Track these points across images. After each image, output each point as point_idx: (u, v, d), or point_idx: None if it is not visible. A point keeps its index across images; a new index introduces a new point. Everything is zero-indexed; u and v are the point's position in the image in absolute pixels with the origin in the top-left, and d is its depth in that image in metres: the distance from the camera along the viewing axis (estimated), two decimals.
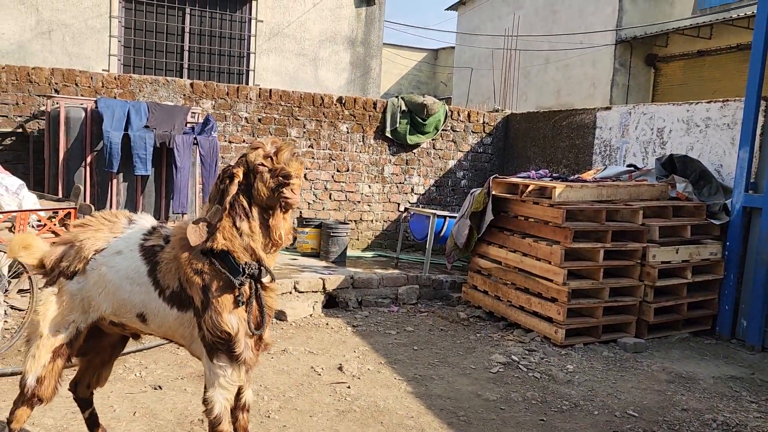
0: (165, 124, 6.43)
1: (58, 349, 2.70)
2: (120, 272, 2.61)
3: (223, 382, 2.53)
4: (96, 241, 2.68)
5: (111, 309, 2.66)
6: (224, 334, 2.48)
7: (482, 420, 3.85)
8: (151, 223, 2.78)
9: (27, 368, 2.71)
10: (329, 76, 10.27)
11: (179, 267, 2.55)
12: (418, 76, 26.85)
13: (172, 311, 2.57)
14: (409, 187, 8.98)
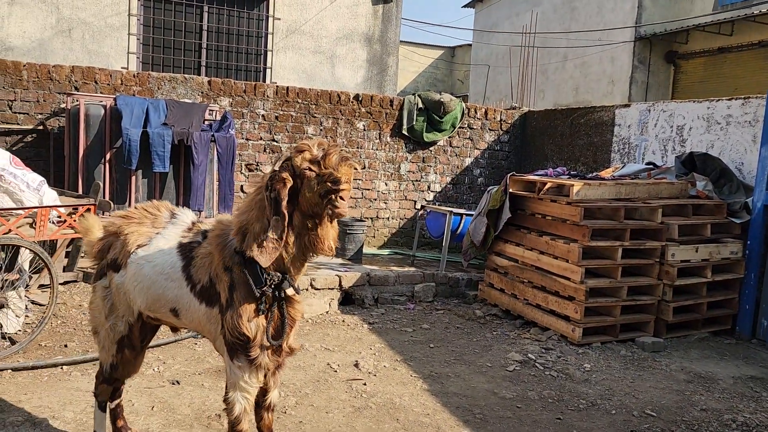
0: (183, 122, 6.47)
1: (121, 340, 2.79)
2: (156, 268, 2.62)
3: (241, 383, 2.49)
4: (139, 236, 2.71)
5: (146, 304, 2.68)
6: (243, 337, 2.43)
7: (498, 418, 3.84)
8: (191, 219, 2.79)
9: (102, 358, 2.89)
10: (346, 73, 10.28)
11: (212, 262, 2.53)
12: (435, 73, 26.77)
13: (201, 306, 2.56)
14: (426, 184, 8.97)
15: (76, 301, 5.44)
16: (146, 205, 2.86)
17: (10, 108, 6.79)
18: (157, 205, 2.85)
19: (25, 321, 4.76)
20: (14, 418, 3.35)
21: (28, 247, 4.29)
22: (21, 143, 6.88)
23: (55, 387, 3.81)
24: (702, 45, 13.54)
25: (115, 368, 2.84)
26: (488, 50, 18.82)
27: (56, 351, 4.43)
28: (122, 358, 2.82)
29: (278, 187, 2.33)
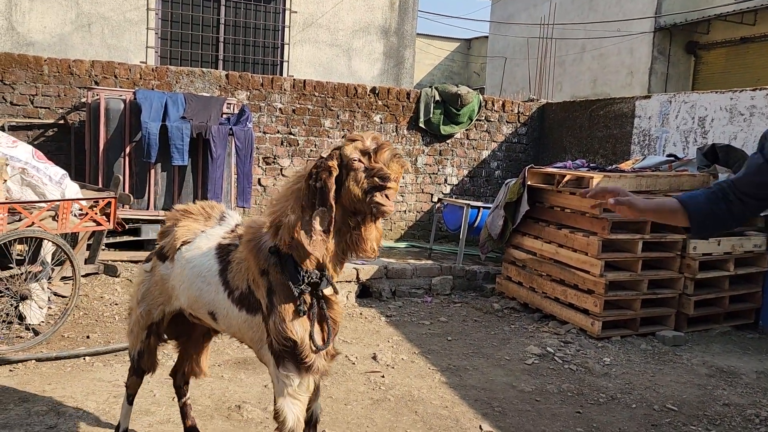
0: (201, 115, 6.51)
1: (151, 326, 2.79)
2: (195, 269, 2.57)
3: (291, 391, 2.30)
4: (186, 232, 2.69)
5: (187, 303, 2.65)
6: (290, 342, 2.26)
7: (517, 411, 3.83)
8: (235, 221, 2.73)
9: (130, 344, 2.91)
10: (363, 66, 10.26)
11: (248, 268, 2.40)
12: (451, 66, 26.66)
13: (241, 313, 2.43)
14: (443, 177, 8.94)
15: (98, 293, 5.51)
16: (204, 204, 2.84)
17: (31, 102, 6.87)
18: (213, 205, 2.83)
19: (48, 312, 4.83)
20: (39, 407, 3.40)
21: (51, 239, 4.35)
22: (42, 137, 6.97)
23: (78, 377, 3.87)
24: (724, 35, 13.32)
25: (142, 356, 2.84)
26: (505, 42, 18.68)
27: (79, 342, 4.49)
28: (149, 344, 2.83)
29: (324, 176, 2.16)
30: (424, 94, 8.55)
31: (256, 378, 4.05)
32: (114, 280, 5.87)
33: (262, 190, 8.04)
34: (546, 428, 3.63)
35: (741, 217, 2.06)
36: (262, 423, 3.43)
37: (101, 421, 3.33)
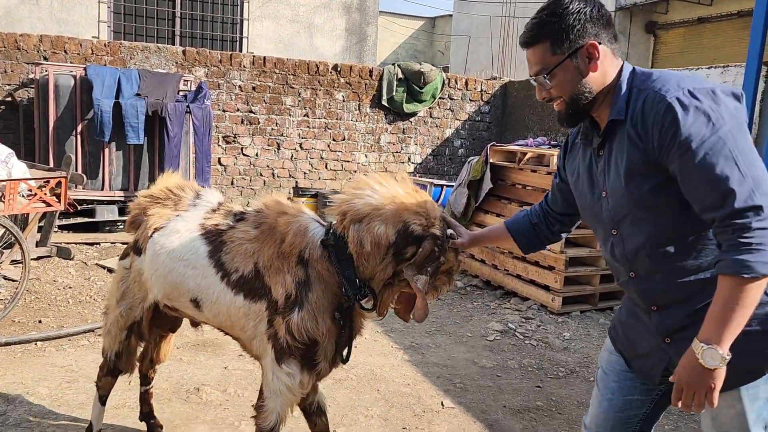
0: (157, 92, 6.32)
1: (131, 326, 2.62)
2: (173, 253, 2.35)
3: (287, 391, 2.16)
4: (158, 219, 2.48)
5: (163, 293, 2.43)
6: (309, 342, 2.12)
7: (478, 387, 3.85)
8: (216, 199, 2.54)
9: (106, 345, 2.70)
10: (324, 43, 10.11)
11: (263, 250, 2.20)
12: (415, 44, 26.52)
13: (236, 298, 2.22)
14: (406, 156, 8.91)
15: (50, 277, 5.34)
16: (171, 186, 2.60)
17: None
18: (182, 185, 2.60)
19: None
20: None
21: None
22: None
23: (29, 363, 3.74)
24: (682, 15, 13.52)
25: (120, 357, 2.67)
26: (469, 21, 18.63)
27: (30, 327, 4.35)
28: (129, 345, 2.67)
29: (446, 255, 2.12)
30: (387, 72, 8.47)
31: (215, 360, 3.99)
32: (68, 263, 5.70)
33: (222, 170, 7.89)
34: (506, 403, 3.66)
35: (561, 232, 2.16)
36: (221, 405, 3.38)
37: (54, 407, 3.23)
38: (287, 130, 8.14)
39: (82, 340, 4.17)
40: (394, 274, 2.12)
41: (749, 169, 1.45)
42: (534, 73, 1.75)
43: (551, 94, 1.75)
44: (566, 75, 1.69)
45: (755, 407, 1.61)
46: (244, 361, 3.99)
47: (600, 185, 1.78)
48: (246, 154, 7.99)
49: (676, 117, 1.51)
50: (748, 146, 1.48)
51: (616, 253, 1.76)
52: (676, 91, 1.54)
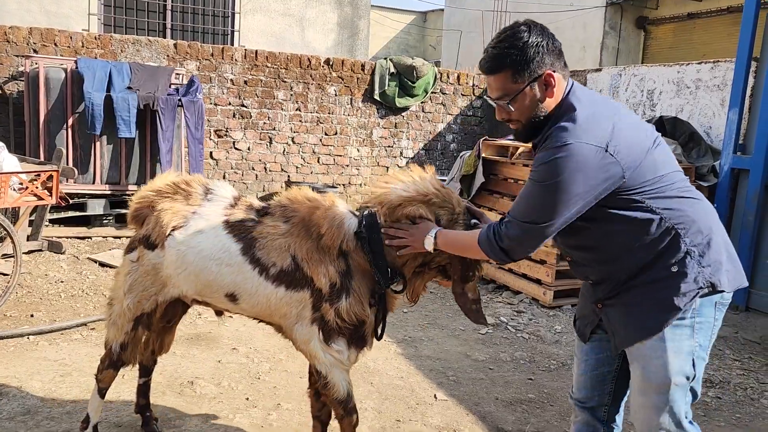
0: (148, 86, 6.29)
1: (139, 318, 2.63)
2: (203, 253, 2.43)
3: (341, 364, 2.38)
4: (173, 215, 2.51)
5: (194, 290, 2.52)
6: (358, 322, 2.34)
7: (471, 380, 3.89)
8: (230, 193, 2.58)
9: (111, 336, 2.69)
10: (316, 37, 10.09)
11: (299, 245, 2.35)
12: (407, 39, 26.48)
13: (278, 290, 2.35)
14: (398, 150, 8.92)
15: (42, 271, 5.32)
16: (176, 180, 2.64)
17: None
18: (188, 179, 2.64)
19: None
20: None
21: None
22: None
23: (21, 357, 3.73)
24: (672, 11, 13.59)
25: (125, 348, 2.67)
26: (461, 15, 18.62)
27: (22, 321, 4.33)
28: (135, 336, 2.68)
29: None
30: (379, 66, 8.46)
31: (209, 353, 4.00)
32: (59, 257, 5.68)
33: (215, 164, 7.86)
34: (499, 395, 3.70)
35: None
36: (215, 398, 3.39)
37: (46, 400, 3.23)
38: (279, 124, 8.12)
39: (74, 333, 4.16)
40: (423, 264, 2.33)
41: None
42: (496, 97, 2.01)
43: (511, 117, 2.03)
44: (525, 101, 1.97)
45: (678, 359, 1.96)
46: (238, 355, 4.01)
47: None
48: (238, 148, 7.97)
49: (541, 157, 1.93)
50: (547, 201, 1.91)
51: (558, 244, 2.20)
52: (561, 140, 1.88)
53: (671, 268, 1.96)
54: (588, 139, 1.87)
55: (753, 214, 5.53)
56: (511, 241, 1.98)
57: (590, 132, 1.89)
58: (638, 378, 2.04)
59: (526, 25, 1.97)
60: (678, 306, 1.95)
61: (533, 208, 1.94)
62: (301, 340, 2.40)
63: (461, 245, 2.17)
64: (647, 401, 2.02)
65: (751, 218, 5.54)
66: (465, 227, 2.28)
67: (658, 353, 1.97)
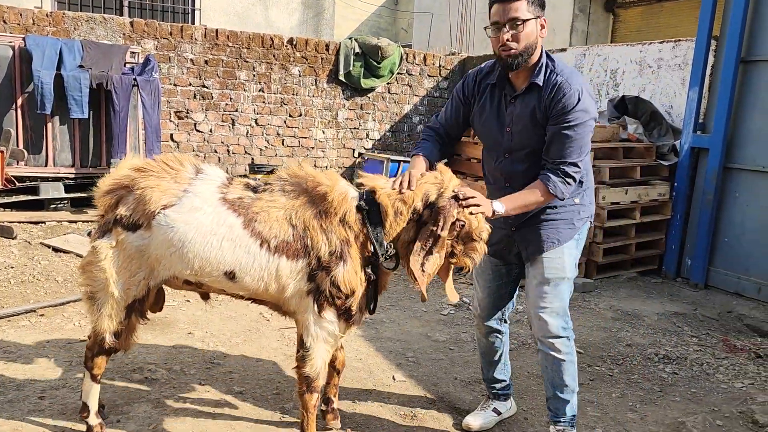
0: (101, 64, 6.07)
1: (131, 305, 2.56)
2: (203, 228, 2.40)
3: (329, 337, 2.49)
4: (161, 193, 2.44)
5: (190, 269, 2.45)
6: (348, 291, 2.44)
7: (431, 360, 3.85)
8: (223, 174, 2.58)
9: (103, 327, 2.56)
10: (280, 16, 9.88)
11: (300, 215, 2.43)
12: (378, 22, 26.17)
13: (279, 260, 2.40)
14: (364, 132, 8.81)
15: None
16: (165, 158, 2.57)
17: None
18: (179, 158, 2.57)
19: None
20: None
21: None
22: None
23: None
24: None
25: (119, 336, 2.59)
26: None
27: None
28: (129, 324, 2.60)
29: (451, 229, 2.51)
30: (344, 46, 8.32)
31: (163, 338, 3.89)
32: (9, 242, 5.48)
33: (175, 146, 7.67)
34: (458, 375, 3.67)
35: (455, 142, 2.97)
36: (167, 383, 3.30)
37: None
38: (242, 106, 7.95)
39: (22, 320, 4.01)
40: (415, 239, 2.48)
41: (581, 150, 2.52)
42: (508, 18, 2.40)
43: (509, 40, 2.43)
44: (530, 30, 2.43)
45: (569, 261, 2.70)
46: (193, 339, 3.91)
47: (505, 123, 2.62)
48: (199, 130, 7.79)
49: (570, 104, 2.44)
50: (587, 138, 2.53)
51: (502, 169, 2.70)
52: (576, 88, 2.44)
53: (575, 200, 2.68)
54: (583, 80, 2.51)
55: (712, 193, 5.58)
56: (578, 176, 2.53)
57: (580, 75, 2.55)
58: (539, 275, 2.68)
59: None
60: (577, 227, 2.71)
61: (583, 147, 2.50)
62: (297, 311, 2.50)
63: (527, 201, 2.54)
64: (545, 291, 2.67)
65: (710, 197, 5.60)
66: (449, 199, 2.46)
67: (558, 255, 2.67)
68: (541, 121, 2.51)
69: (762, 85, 5.29)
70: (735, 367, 3.99)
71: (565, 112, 2.42)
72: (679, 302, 5.33)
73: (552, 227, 2.68)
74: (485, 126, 2.71)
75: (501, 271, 2.90)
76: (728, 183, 5.54)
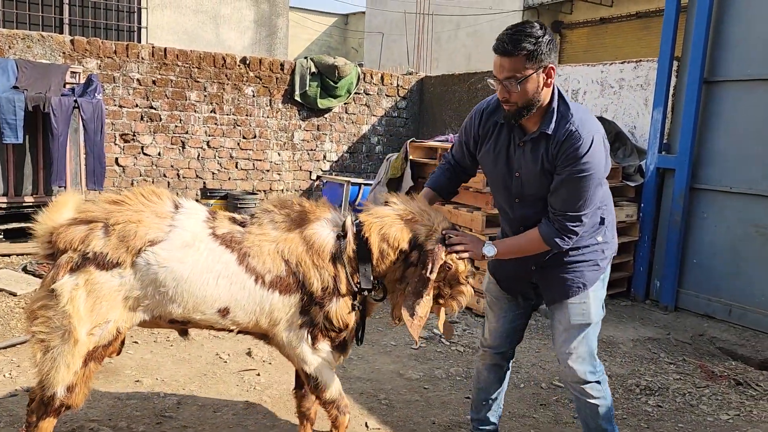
0: (39, 85, 5.62)
1: (92, 352, 2.31)
2: (199, 266, 2.32)
3: (328, 362, 2.54)
4: (147, 229, 2.29)
5: (183, 308, 2.36)
6: (342, 325, 2.49)
7: (405, 402, 3.57)
8: (203, 207, 2.52)
9: (56, 379, 2.28)
10: (232, 35, 9.55)
11: (292, 251, 2.43)
12: (329, 41, 26.09)
13: (272, 296, 2.41)
14: (321, 153, 8.54)
15: None
16: (140, 190, 2.44)
17: None
18: (154, 191, 2.45)
19: None
20: None
21: None
22: None
23: None
24: (585, 15, 13.91)
25: (73, 390, 2.31)
26: (382, 17, 18.45)
27: None
28: (85, 374, 2.30)
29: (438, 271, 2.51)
30: (299, 65, 8.06)
31: (107, 388, 3.49)
32: None
33: (121, 171, 7.22)
34: (435, 418, 3.40)
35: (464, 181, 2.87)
36: None
37: None
38: (192, 128, 7.56)
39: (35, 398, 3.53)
40: (402, 277, 2.51)
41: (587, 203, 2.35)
42: (505, 77, 2.26)
43: (511, 97, 2.29)
44: (530, 85, 2.26)
45: (595, 305, 2.53)
46: (142, 388, 3.52)
47: (515, 167, 2.46)
48: (147, 153, 7.36)
49: (578, 154, 2.26)
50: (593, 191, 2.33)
51: (514, 213, 2.56)
52: (587, 138, 2.26)
53: (597, 238, 2.52)
54: (597, 128, 2.33)
55: (679, 213, 5.52)
56: (579, 230, 2.38)
57: (595, 122, 2.36)
58: (564, 321, 2.54)
59: (539, 23, 2.28)
60: (603, 267, 2.55)
61: (588, 200, 2.32)
62: (289, 345, 2.49)
63: (522, 248, 2.48)
64: (571, 336, 2.53)
65: (678, 218, 5.53)
66: (438, 242, 2.47)
67: (583, 300, 2.51)
68: (549, 169, 2.37)
69: (725, 106, 5.28)
70: (718, 397, 3.86)
71: (570, 163, 2.27)
72: (651, 326, 5.22)
73: (576, 270, 2.51)
74: (494, 170, 2.57)
75: (518, 301, 2.76)
76: (695, 203, 5.50)
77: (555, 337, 2.61)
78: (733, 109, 5.24)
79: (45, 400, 2.30)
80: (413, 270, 2.47)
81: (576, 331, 2.52)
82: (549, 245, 2.41)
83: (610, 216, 2.56)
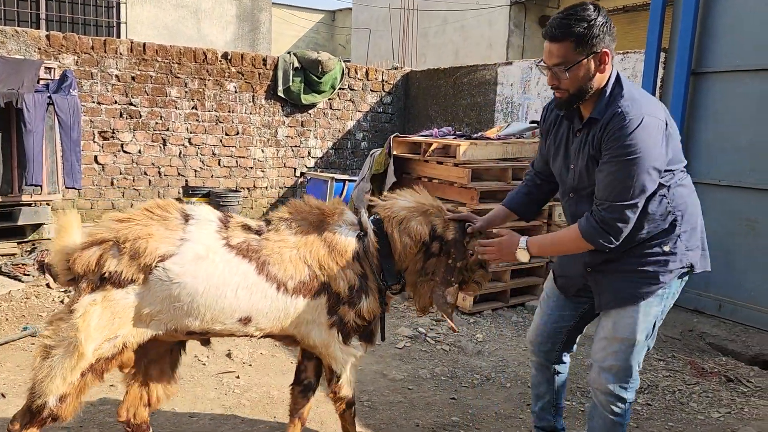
0: (11, 81, 5.45)
1: (93, 365, 2.26)
2: (213, 279, 2.27)
3: (354, 362, 2.59)
4: (157, 244, 2.24)
5: (200, 321, 2.31)
6: (372, 320, 2.56)
7: (388, 404, 3.47)
8: (216, 215, 2.43)
9: (50, 388, 2.22)
10: (213, 30, 9.39)
11: (313, 255, 2.43)
12: (315, 38, 25.91)
13: (297, 300, 2.40)
14: (306, 150, 8.41)
15: None
16: (148, 206, 2.38)
17: None
18: (161, 204, 2.39)
19: None
20: None
21: None
22: None
23: None
24: None
25: (65, 400, 2.24)
26: (369, 13, 18.30)
27: None
28: (80, 386, 2.26)
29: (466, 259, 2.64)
30: (282, 61, 7.92)
31: None
32: None
33: (100, 169, 7.06)
34: (420, 420, 3.30)
35: (553, 191, 2.66)
36: None
37: None
38: (173, 124, 7.41)
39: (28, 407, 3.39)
40: (423, 268, 2.56)
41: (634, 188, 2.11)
42: (553, 64, 2.15)
43: (560, 84, 2.17)
44: (580, 72, 2.14)
45: (645, 322, 2.30)
46: (116, 393, 3.39)
47: (571, 158, 2.33)
48: (127, 151, 7.20)
49: (622, 135, 2.07)
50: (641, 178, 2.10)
51: (569, 209, 2.43)
52: (634, 118, 2.06)
53: (664, 247, 2.25)
54: (653, 111, 2.11)
55: None
56: (619, 222, 2.13)
57: (652, 106, 2.15)
58: (607, 329, 2.35)
59: (594, 5, 2.12)
60: (663, 281, 2.27)
61: (633, 187, 2.08)
62: (320, 345, 2.51)
63: (559, 246, 2.39)
64: (610, 347, 2.35)
65: None
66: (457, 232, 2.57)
67: (631, 314, 2.30)
68: (596, 156, 2.19)
69: (713, 98, 5.21)
70: (708, 394, 3.79)
71: (613, 144, 2.08)
72: None
73: (627, 280, 2.29)
74: (554, 164, 2.46)
75: (569, 303, 2.62)
76: None
77: (594, 341, 2.43)
78: (721, 100, 5.17)
79: (33, 409, 2.24)
80: (434, 261, 2.54)
81: (617, 344, 2.32)
82: (588, 241, 2.20)
83: (686, 225, 2.26)
